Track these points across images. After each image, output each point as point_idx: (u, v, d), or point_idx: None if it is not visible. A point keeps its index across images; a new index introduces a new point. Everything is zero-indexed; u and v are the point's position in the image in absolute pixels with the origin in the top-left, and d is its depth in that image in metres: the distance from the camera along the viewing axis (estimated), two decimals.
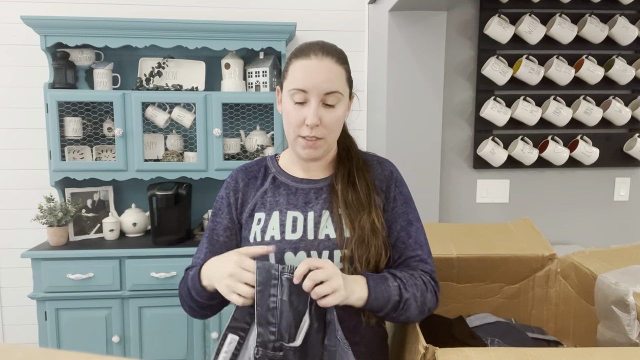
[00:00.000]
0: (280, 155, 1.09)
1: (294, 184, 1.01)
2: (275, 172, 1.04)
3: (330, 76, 0.91)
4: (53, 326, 2.05)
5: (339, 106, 0.94)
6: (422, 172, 2.08)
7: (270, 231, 0.95)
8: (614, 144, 2.25)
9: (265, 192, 1.01)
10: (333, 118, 0.93)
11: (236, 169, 1.07)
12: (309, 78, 0.91)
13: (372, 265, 0.93)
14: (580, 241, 2.32)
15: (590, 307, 1.09)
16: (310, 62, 0.92)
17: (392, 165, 1.06)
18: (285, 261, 0.94)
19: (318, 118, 0.91)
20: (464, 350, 0.76)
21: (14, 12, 2.25)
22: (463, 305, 1.28)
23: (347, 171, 1.00)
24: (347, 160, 1.02)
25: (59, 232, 2.12)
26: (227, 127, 2.33)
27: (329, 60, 0.92)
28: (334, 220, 0.95)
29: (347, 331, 0.90)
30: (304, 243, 0.94)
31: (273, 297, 0.80)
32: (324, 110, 0.92)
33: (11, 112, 2.33)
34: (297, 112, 0.93)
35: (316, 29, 2.43)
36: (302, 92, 0.91)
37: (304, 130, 0.93)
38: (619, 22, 2.10)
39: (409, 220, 1.00)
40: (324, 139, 0.94)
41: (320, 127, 0.92)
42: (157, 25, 2.11)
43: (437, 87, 2.04)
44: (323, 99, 0.92)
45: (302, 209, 0.97)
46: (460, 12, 2.13)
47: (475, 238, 1.33)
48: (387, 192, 1.01)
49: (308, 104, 0.92)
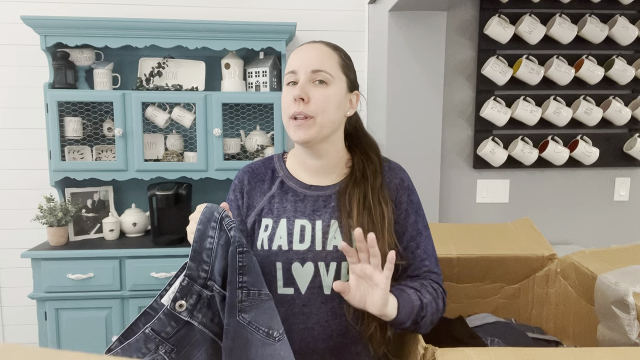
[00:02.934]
0: (287, 156, 1.07)
1: (302, 190, 0.99)
2: (283, 176, 1.02)
3: (319, 55, 0.95)
4: (53, 326, 2.05)
5: (331, 87, 0.94)
6: (422, 172, 2.08)
7: (278, 240, 0.94)
8: (614, 144, 2.25)
9: (272, 196, 0.99)
10: (322, 94, 0.93)
11: (242, 169, 1.05)
12: (298, 59, 0.95)
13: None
14: (580, 241, 2.32)
15: (590, 307, 1.09)
16: (302, 48, 0.97)
17: (403, 172, 1.05)
18: (292, 271, 0.93)
19: (305, 93, 0.92)
20: (464, 350, 0.76)
21: (14, 12, 2.25)
22: (463, 305, 1.28)
23: (363, 194, 0.95)
24: (363, 179, 0.97)
25: (59, 232, 2.12)
26: (227, 127, 2.33)
27: (320, 44, 0.97)
28: (343, 232, 0.94)
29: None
30: (312, 254, 0.93)
31: (210, 239, 0.79)
32: (312, 87, 0.93)
33: (11, 112, 2.33)
34: (287, 93, 0.95)
35: (316, 29, 2.43)
36: (292, 74, 0.94)
37: (293, 107, 0.93)
38: (619, 22, 2.10)
39: (419, 230, 1.00)
40: (314, 118, 0.93)
41: (310, 105, 0.92)
42: (157, 25, 2.11)
43: (437, 87, 2.04)
44: (312, 78, 0.93)
45: (309, 217, 0.96)
46: (460, 12, 2.13)
47: (475, 238, 1.33)
48: (398, 201, 1.00)
49: (298, 84, 0.94)
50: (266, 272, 0.94)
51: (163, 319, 0.76)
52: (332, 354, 0.95)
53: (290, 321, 0.93)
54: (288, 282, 0.93)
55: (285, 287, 0.94)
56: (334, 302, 0.93)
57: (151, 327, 0.76)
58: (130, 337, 0.76)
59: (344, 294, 0.85)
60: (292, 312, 0.93)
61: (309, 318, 0.93)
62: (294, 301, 0.93)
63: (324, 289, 0.93)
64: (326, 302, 0.93)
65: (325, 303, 0.93)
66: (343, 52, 0.99)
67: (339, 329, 0.94)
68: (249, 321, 0.77)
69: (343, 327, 0.94)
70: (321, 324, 0.93)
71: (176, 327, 0.77)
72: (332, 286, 0.92)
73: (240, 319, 0.77)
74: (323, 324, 0.93)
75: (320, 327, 0.93)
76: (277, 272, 0.93)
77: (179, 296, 0.77)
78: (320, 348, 0.94)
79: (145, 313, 0.80)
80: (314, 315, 0.93)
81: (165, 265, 2.07)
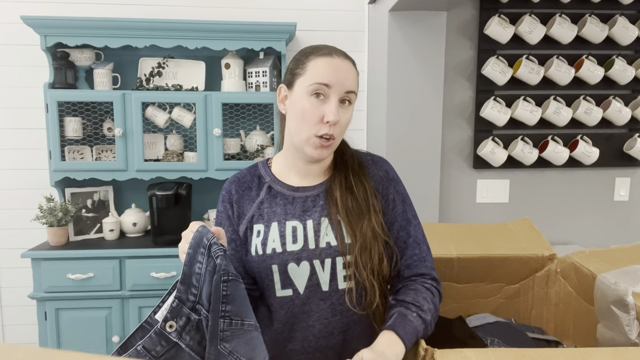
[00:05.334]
0: (272, 161, 1.06)
1: (290, 192, 0.99)
2: (270, 181, 1.01)
3: (352, 76, 0.94)
4: (53, 326, 2.05)
5: (351, 107, 0.96)
6: (422, 172, 2.08)
7: (271, 243, 0.94)
8: (614, 144, 2.25)
9: (261, 202, 0.99)
10: (347, 119, 0.94)
11: (228, 180, 1.04)
12: (334, 74, 0.91)
13: (376, 272, 0.93)
14: (580, 241, 2.32)
15: (590, 307, 1.09)
16: (334, 60, 0.93)
17: (387, 164, 1.06)
18: (289, 272, 0.93)
19: (339, 117, 0.91)
20: (463, 351, 0.76)
21: (14, 12, 2.25)
22: (463, 305, 1.28)
23: (344, 177, 0.99)
24: (343, 164, 1.01)
25: (59, 232, 2.12)
26: (227, 127, 2.33)
27: (349, 62, 0.96)
28: (334, 227, 0.94)
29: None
30: (306, 253, 0.93)
31: (199, 264, 0.79)
32: (340, 109, 0.93)
33: (11, 112, 2.33)
34: (315, 108, 0.91)
35: (316, 29, 2.43)
36: (325, 87, 0.91)
37: (323, 128, 0.91)
38: (619, 22, 2.10)
39: (408, 219, 1.01)
40: (336, 140, 0.94)
41: (336, 126, 0.92)
42: (157, 25, 2.11)
43: (437, 87, 2.04)
44: (342, 97, 0.92)
45: (300, 217, 0.96)
46: (460, 12, 2.13)
47: (475, 238, 1.33)
48: (385, 193, 1.01)
49: (327, 101, 0.91)
50: (263, 277, 0.95)
51: (154, 337, 0.78)
52: (334, 351, 0.95)
53: (292, 322, 0.94)
54: (286, 283, 0.94)
55: (284, 289, 0.94)
56: (333, 298, 0.94)
57: (143, 344, 0.77)
58: (127, 350, 0.77)
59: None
60: (293, 312, 0.94)
61: (309, 316, 0.94)
62: (293, 302, 0.94)
63: (322, 286, 0.94)
64: (325, 298, 0.94)
65: (324, 300, 0.94)
66: (355, 65, 0.99)
67: (339, 325, 0.94)
68: (229, 350, 0.77)
69: (344, 324, 0.95)
70: (321, 322, 0.94)
71: (166, 347, 0.78)
72: (329, 282, 0.93)
73: (222, 348, 0.77)
74: (323, 321, 0.94)
75: (321, 325, 0.94)
76: (274, 275, 0.94)
77: (169, 317, 0.78)
78: (322, 346, 0.95)
79: (141, 327, 0.81)
80: (314, 313, 0.94)
81: (165, 265, 2.07)
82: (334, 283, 0.94)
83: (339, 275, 0.93)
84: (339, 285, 0.94)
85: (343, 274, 0.93)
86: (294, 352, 0.95)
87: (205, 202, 2.43)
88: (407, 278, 0.98)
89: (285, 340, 0.95)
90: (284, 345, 0.96)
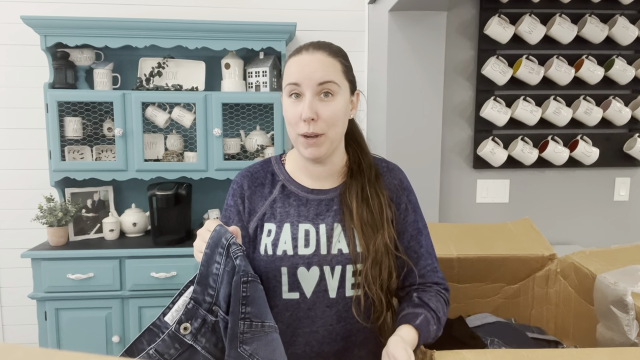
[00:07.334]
0: (286, 157, 1.04)
1: (304, 194, 0.98)
2: (284, 180, 0.99)
3: (323, 67, 0.90)
4: (53, 326, 2.05)
5: (337, 98, 0.91)
6: (422, 172, 2.08)
7: (282, 245, 0.93)
8: (614, 144, 2.25)
9: (274, 201, 0.97)
10: (331, 111, 0.90)
11: (240, 173, 1.02)
12: (300, 70, 0.90)
13: (385, 287, 0.93)
14: (580, 241, 2.32)
15: (590, 307, 1.09)
16: (301, 57, 0.92)
17: (401, 172, 1.05)
18: (298, 276, 0.92)
19: (314, 112, 0.88)
20: (461, 353, 0.76)
21: (14, 12, 2.26)
22: (463, 305, 1.28)
23: (360, 187, 0.96)
24: (360, 173, 0.99)
25: (59, 232, 2.12)
26: (227, 127, 2.33)
27: (321, 53, 0.91)
28: (347, 235, 0.93)
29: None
30: (317, 258, 0.92)
31: (217, 264, 0.78)
32: (320, 103, 0.90)
33: (11, 112, 2.33)
34: (293, 108, 0.91)
35: (316, 29, 2.43)
36: (295, 86, 0.90)
37: (302, 127, 0.90)
38: (619, 22, 2.10)
39: (419, 229, 1.01)
40: (325, 135, 0.91)
41: (318, 122, 0.89)
42: (157, 25, 2.11)
43: (437, 87, 2.04)
44: (317, 91, 0.89)
45: (313, 221, 0.95)
46: (460, 12, 2.13)
47: (475, 238, 1.33)
48: (398, 201, 1.00)
49: (304, 99, 0.90)
50: (270, 277, 0.93)
51: (167, 340, 0.76)
52: (336, 357, 0.95)
53: (295, 325, 0.93)
54: (293, 286, 0.93)
55: (291, 291, 0.93)
56: (339, 305, 0.93)
57: (155, 347, 0.76)
58: (134, 355, 0.76)
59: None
60: (297, 316, 0.93)
61: (314, 322, 0.93)
62: (299, 305, 0.93)
63: (329, 292, 0.93)
64: (331, 305, 0.93)
65: (331, 307, 0.93)
66: (342, 55, 0.95)
67: (343, 332, 0.94)
68: (250, 353, 0.76)
69: (348, 330, 0.94)
70: (326, 328, 0.93)
71: (180, 350, 0.77)
72: (337, 289, 0.92)
73: (242, 351, 0.76)
74: (328, 328, 0.93)
75: (325, 331, 0.93)
76: (282, 277, 0.93)
77: (184, 318, 0.77)
78: (324, 351, 0.94)
79: (148, 330, 0.79)
80: (319, 319, 0.93)
81: (165, 265, 2.07)
82: (342, 290, 0.93)
83: (347, 283, 0.93)
84: (347, 292, 0.93)
85: (351, 282, 0.93)
86: (296, 356, 0.94)
87: (205, 202, 2.43)
88: (423, 284, 0.99)
89: (286, 344, 0.94)
90: (285, 348, 0.96)
